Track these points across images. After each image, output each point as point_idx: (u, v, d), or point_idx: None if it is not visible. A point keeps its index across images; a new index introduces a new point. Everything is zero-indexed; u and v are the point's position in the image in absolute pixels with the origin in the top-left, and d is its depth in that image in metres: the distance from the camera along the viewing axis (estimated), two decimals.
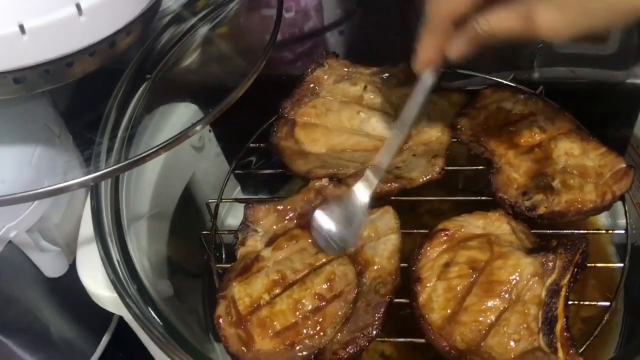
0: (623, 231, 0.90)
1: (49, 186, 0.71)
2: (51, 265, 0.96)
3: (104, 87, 0.95)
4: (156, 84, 0.97)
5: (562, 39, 0.63)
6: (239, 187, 1.23)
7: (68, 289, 0.98)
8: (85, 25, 0.71)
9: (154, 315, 0.75)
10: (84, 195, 0.94)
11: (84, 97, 1.05)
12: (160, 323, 0.75)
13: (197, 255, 1.05)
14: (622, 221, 0.93)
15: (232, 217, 1.18)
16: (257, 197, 1.21)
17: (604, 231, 1.02)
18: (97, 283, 0.82)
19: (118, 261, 0.79)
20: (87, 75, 0.79)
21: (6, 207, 0.84)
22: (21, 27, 0.68)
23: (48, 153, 0.89)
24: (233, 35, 1.09)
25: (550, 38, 0.63)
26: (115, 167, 0.78)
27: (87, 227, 0.84)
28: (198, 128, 0.80)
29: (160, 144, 0.77)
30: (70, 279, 0.88)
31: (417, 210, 1.10)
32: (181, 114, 1.03)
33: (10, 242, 0.89)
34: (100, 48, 0.76)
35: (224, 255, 1.03)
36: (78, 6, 0.69)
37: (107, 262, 0.79)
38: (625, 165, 0.89)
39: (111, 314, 0.91)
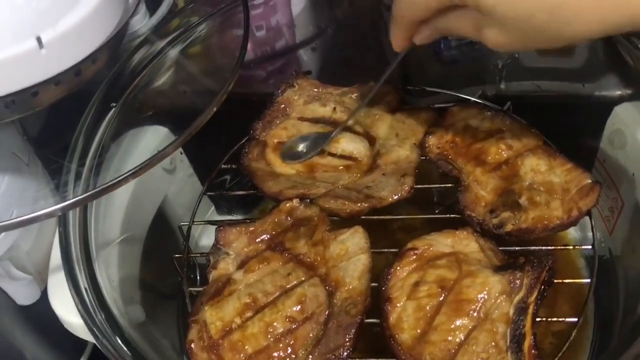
0: (590, 246, 0.91)
1: (16, 218, 0.70)
2: (23, 293, 0.96)
3: (77, 111, 0.95)
4: (125, 108, 0.97)
5: (506, 52, 0.68)
6: (213, 207, 1.23)
7: (41, 315, 0.97)
8: (47, 57, 0.71)
9: (121, 344, 0.75)
10: (54, 222, 0.94)
11: (56, 123, 1.05)
12: (129, 353, 0.75)
13: (171, 278, 1.04)
14: (591, 234, 0.93)
15: (206, 237, 1.18)
16: (229, 218, 1.21)
17: (571, 247, 1.02)
18: (68, 310, 0.82)
19: (86, 289, 0.79)
20: (57, 101, 0.79)
21: None
22: None
23: (17, 182, 0.88)
24: (203, 56, 1.10)
25: (495, 49, 0.70)
26: (83, 196, 0.77)
27: (57, 254, 0.84)
28: (167, 152, 0.80)
29: (129, 170, 0.75)
30: (44, 305, 0.88)
31: (389, 227, 1.10)
32: (151, 138, 1.03)
33: None
34: (65, 77, 0.76)
35: (198, 277, 1.04)
36: (39, 39, 0.69)
37: (74, 290, 0.79)
38: (591, 181, 0.89)
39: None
